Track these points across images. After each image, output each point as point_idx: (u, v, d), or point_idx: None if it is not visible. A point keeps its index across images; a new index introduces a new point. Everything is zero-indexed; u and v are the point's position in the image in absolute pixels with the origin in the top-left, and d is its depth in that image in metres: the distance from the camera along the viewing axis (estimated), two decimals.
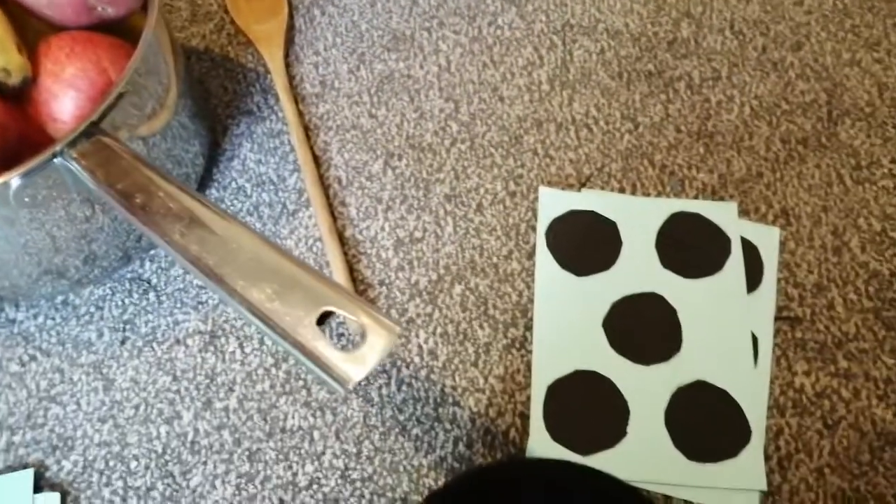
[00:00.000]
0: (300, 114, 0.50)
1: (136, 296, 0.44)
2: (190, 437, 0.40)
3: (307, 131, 0.49)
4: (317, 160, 0.48)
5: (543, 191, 0.46)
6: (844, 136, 0.48)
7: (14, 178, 0.34)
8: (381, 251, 0.45)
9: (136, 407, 0.41)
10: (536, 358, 0.41)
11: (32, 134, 0.38)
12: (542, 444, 0.39)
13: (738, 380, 0.40)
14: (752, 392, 0.40)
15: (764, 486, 0.38)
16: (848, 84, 0.50)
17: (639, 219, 0.45)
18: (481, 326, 0.42)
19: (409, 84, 0.51)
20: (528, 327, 0.42)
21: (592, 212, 0.46)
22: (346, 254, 0.45)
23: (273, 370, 0.41)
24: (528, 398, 0.40)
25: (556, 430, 0.39)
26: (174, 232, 0.31)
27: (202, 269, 0.30)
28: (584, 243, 0.45)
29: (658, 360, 0.41)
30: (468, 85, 0.51)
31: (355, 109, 0.50)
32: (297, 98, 0.50)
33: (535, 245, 0.45)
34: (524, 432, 0.40)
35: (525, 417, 0.40)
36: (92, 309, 0.44)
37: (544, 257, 0.44)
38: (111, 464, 0.39)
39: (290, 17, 0.54)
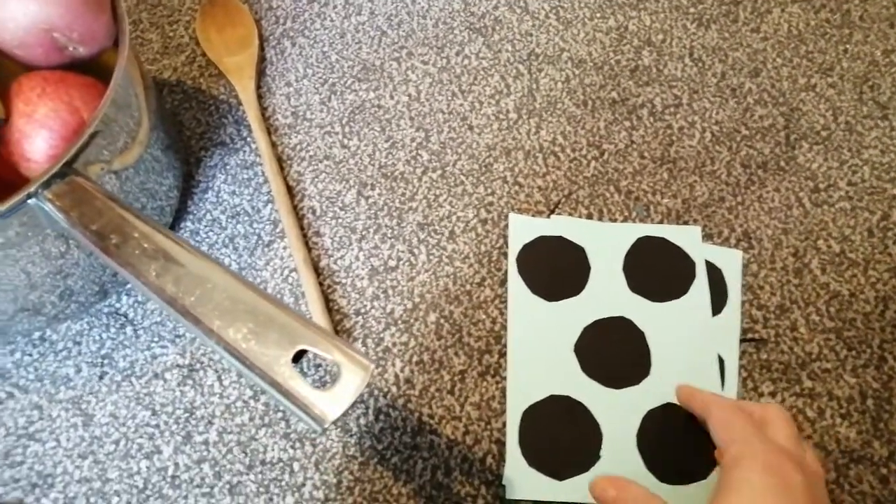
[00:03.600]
0: (273, 145, 0.50)
1: (113, 330, 0.44)
2: (170, 471, 0.40)
3: (280, 162, 0.50)
4: (290, 191, 0.49)
5: (513, 217, 0.47)
6: (802, 160, 0.50)
7: None
8: (356, 281, 0.46)
9: (116, 442, 0.41)
10: (511, 384, 0.42)
11: (5, 173, 0.38)
12: (518, 470, 0.40)
13: None
14: None
15: None
16: (804, 108, 0.52)
17: (606, 244, 0.46)
18: (456, 354, 0.43)
19: (379, 114, 0.52)
20: (503, 354, 0.43)
21: (561, 237, 0.47)
22: (321, 284, 0.45)
23: (252, 402, 0.42)
24: (504, 424, 0.41)
25: (532, 455, 0.40)
26: (150, 272, 0.32)
27: (178, 309, 0.31)
28: (554, 269, 0.46)
29: (629, 384, 0.42)
30: (438, 114, 0.52)
31: (327, 140, 0.51)
32: (269, 129, 0.51)
33: (507, 272, 0.46)
34: (500, 459, 0.40)
35: (501, 444, 0.41)
36: (69, 344, 0.44)
37: (516, 283, 0.45)
38: (92, 500, 0.39)
39: (261, 48, 0.54)
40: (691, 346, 0.43)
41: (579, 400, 0.42)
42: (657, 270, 0.46)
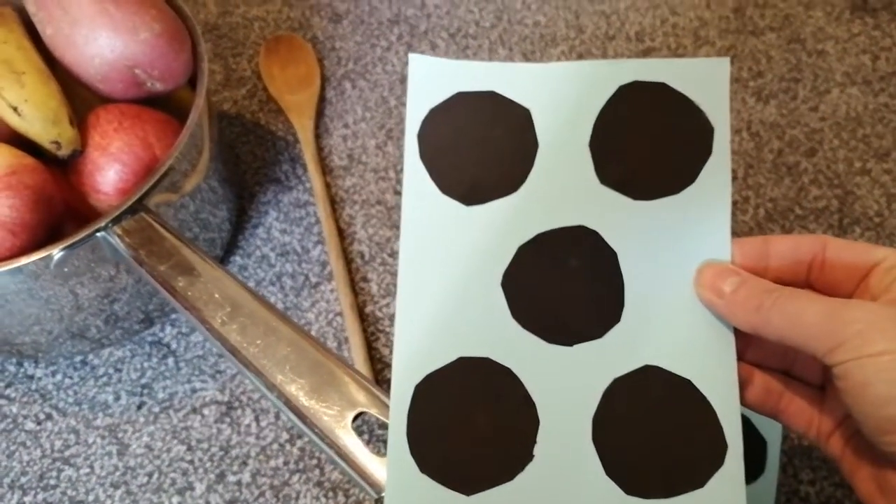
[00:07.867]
0: (327, 186, 0.51)
1: (155, 360, 0.44)
2: None
3: (333, 204, 0.50)
4: (341, 233, 0.49)
5: (416, 60, 0.30)
6: None
7: (56, 252, 0.34)
8: None
9: (150, 475, 0.41)
10: (400, 340, 0.28)
11: (74, 203, 0.39)
12: (404, 479, 0.27)
13: (710, 365, 0.27)
14: (728, 382, 0.27)
15: None
16: (858, 193, 0.52)
17: (567, 102, 0.30)
18: None
19: None
20: None
21: (494, 94, 0.30)
22: (365, 331, 0.45)
23: (287, 446, 0.42)
24: None
25: (428, 456, 0.27)
26: (215, 318, 0.32)
27: (241, 360, 0.31)
28: (481, 149, 0.30)
29: (585, 337, 0.28)
30: None
31: (381, 185, 0.51)
32: (324, 170, 0.51)
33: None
34: None
35: None
36: (110, 370, 0.44)
37: (416, 175, 0.29)
38: None
39: (322, 88, 0.55)
40: (693, 274, 0.28)
41: (504, 364, 0.28)
42: (648, 144, 0.29)
